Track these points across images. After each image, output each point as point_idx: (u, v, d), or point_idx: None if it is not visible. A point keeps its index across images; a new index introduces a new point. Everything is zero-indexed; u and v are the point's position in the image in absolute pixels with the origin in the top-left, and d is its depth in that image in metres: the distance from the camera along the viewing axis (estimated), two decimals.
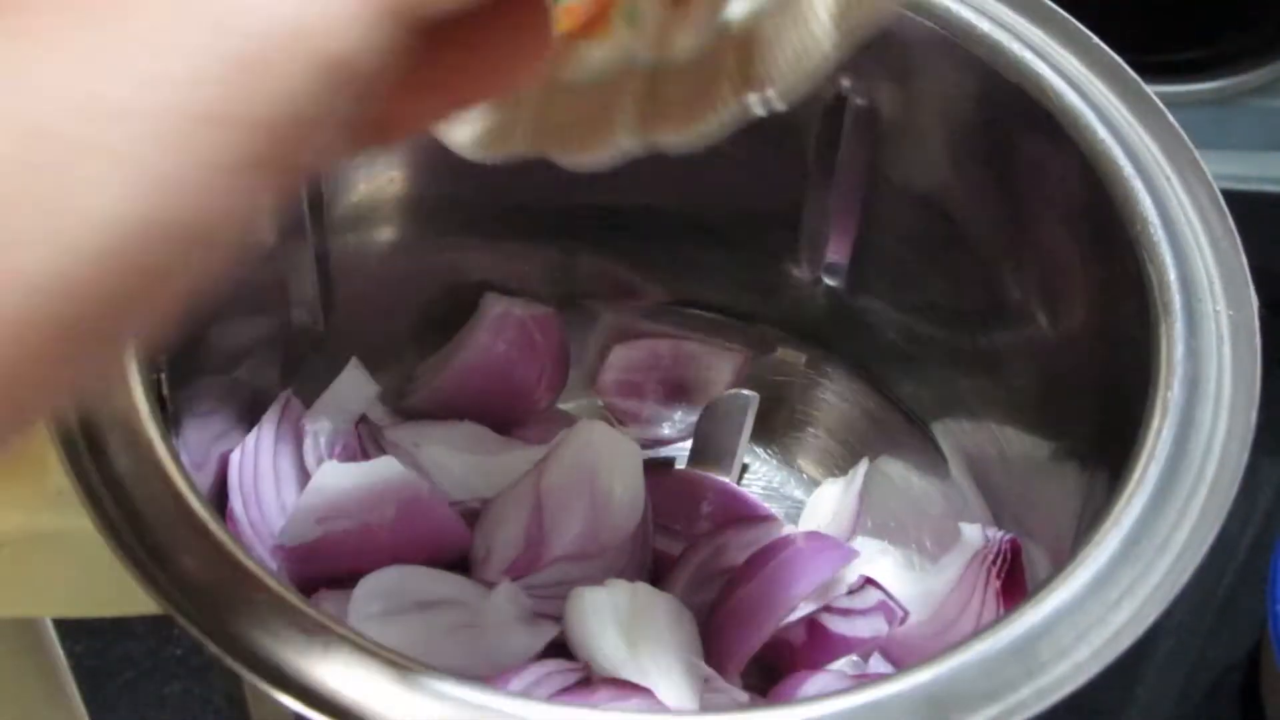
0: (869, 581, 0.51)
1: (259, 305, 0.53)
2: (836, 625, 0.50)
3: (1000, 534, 0.52)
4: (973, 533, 0.52)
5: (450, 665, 0.43)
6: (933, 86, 0.52)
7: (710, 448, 0.60)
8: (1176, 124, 0.48)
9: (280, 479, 0.51)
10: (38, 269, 0.23)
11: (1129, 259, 0.46)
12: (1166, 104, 0.49)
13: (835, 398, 0.62)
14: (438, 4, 0.28)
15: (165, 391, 0.45)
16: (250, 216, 0.26)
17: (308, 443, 0.52)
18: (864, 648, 0.51)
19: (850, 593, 0.50)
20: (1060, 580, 0.40)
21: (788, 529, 0.56)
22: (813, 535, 0.53)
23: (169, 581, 0.38)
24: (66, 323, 0.24)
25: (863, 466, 0.58)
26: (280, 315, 0.55)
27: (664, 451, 0.61)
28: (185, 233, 0.25)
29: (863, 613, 0.50)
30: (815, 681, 0.49)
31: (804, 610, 0.50)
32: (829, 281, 0.59)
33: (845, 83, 0.53)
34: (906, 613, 0.51)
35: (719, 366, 0.62)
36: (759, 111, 0.37)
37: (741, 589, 0.51)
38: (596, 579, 0.49)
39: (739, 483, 0.61)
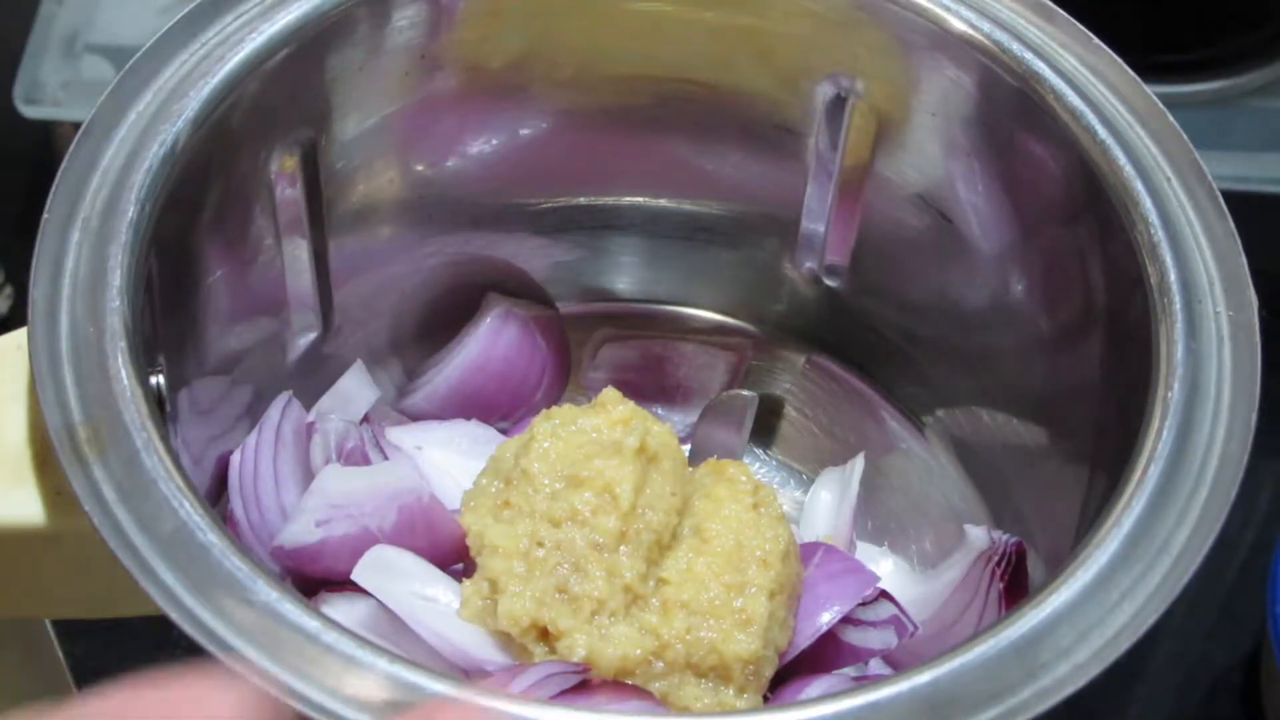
0: (883, 594, 0.50)
1: (259, 305, 0.53)
2: (849, 635, 0.49)
3: (1005, 536, 0.52)
4: (978, 534, 0.52)
5: (450, 666, 0.43)
6: (933, 87, 0.52)
7: (710, 448, 0.60)
8: (1176, 124, 0.48)
9: (280, 481, 0.51)
10: None
11: (1129, 259, 0.46)
12: (1166, 104, 0.49)
13: (835, 398, 0.62)
14: None
15: (165, 391, 0.45)
16: None
17: (316, 440, 0.52)
18: (871, 658, 0.51)
19: (864, 604, 0.50)
20: (1061, 581, 0.40)
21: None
22: (830, 554, 0.51)
23: (168, 582, 0.38)
24: None
25: (859, 464, 0.57)
26: (280, 315, 0.54)
27: None
28: None
29: (875, 624, 0.50)
30: (817, 684, 0.49)
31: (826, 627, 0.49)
32: (829, 281, 0.59)
33: (845, 83, 0.53)
34: (916, 627, 0.50)
35: (716, 366, 0.62)
36: None
37: None
38: None
39: None
